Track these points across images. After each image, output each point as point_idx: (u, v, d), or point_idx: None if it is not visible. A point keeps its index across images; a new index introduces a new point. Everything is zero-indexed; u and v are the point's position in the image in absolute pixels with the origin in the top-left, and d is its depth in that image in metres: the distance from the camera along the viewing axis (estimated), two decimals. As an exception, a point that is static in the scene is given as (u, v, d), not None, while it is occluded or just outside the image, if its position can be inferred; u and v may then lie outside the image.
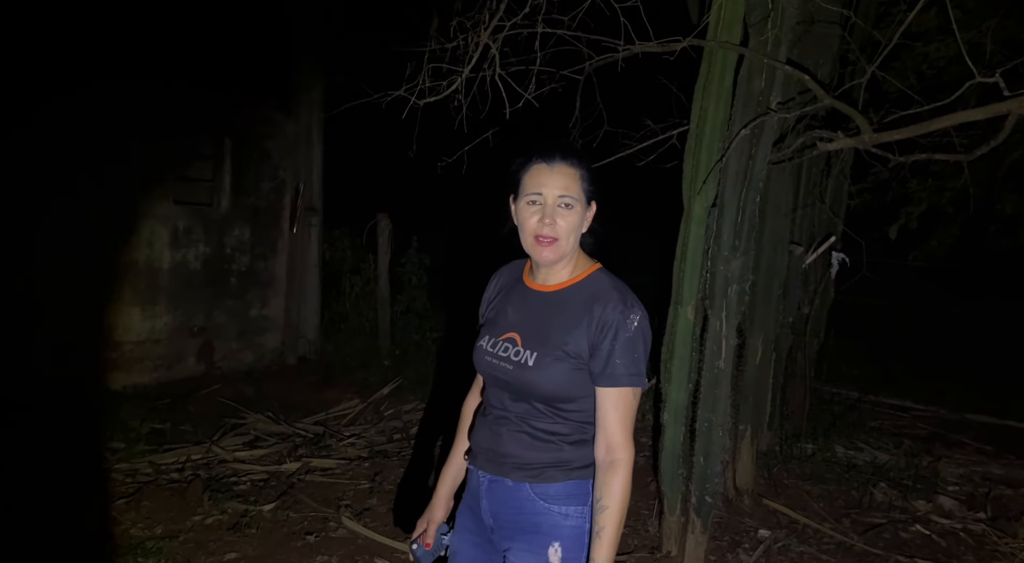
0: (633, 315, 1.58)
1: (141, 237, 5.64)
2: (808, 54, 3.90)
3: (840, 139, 3.07)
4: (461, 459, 1.87)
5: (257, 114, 6.38)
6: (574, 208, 1.61)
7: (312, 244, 6.94)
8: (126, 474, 4.00)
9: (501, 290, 1.81)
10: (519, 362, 1.62)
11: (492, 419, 1.70)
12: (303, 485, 4.05)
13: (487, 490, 1.69)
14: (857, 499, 4.25)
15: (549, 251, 1.62)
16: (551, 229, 1.60)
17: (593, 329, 1.58)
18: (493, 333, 1.72)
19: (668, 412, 3.46)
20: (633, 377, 1.57)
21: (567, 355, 1.59)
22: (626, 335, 1.57)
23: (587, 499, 1.63)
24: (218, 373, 6.23)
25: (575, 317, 1.61)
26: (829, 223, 4.85)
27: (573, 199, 1.60)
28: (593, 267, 1.70)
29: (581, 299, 1.63)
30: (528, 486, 1.63)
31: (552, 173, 1.60)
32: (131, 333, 5.64)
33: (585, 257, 1.72)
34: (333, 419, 5.28)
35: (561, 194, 1.60)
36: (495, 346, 1.69)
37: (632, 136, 4.05)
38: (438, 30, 2.83)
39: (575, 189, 1.61)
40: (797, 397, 5.15)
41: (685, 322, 3.40)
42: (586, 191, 1.63)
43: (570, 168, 1.61)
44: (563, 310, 1.64)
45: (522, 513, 1.64)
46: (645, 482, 4.23)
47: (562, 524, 1.62)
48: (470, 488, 1.78)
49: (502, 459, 1.65)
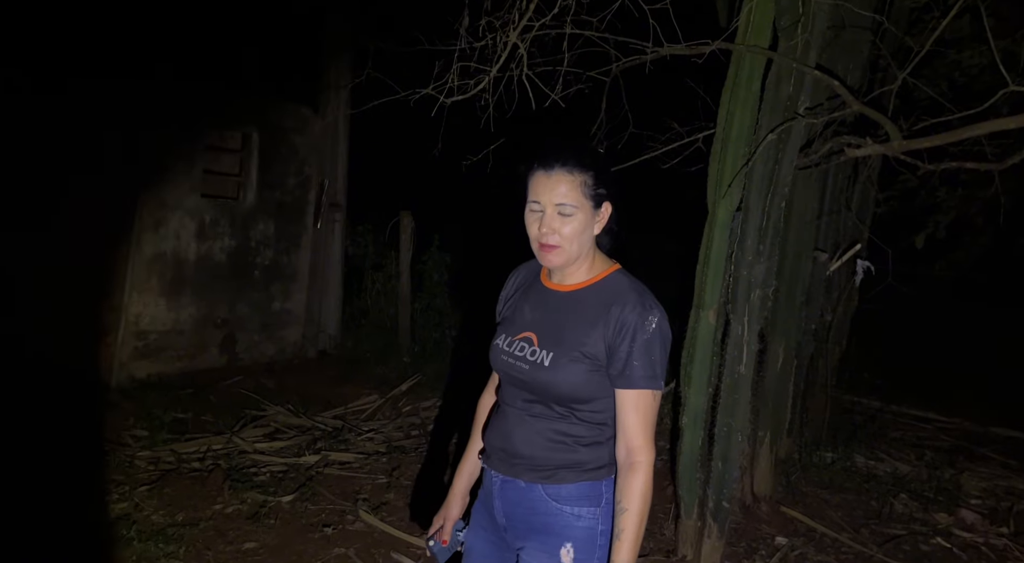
0: (651, 316, 1.57)
1: (169, 229, 5.72)
2: (838, 59, 3.87)
3: (869, 145, 3.04)
4: (476, 456, 1.87)
5: (285, 110, 6.44)
6: (574, 215, 1.59)
7: (335, 240, 7.00)
8: (149, 462, 4.06)
9: (519, 288, 1.81)
10: (535, 362, 1.62)
11: (506, 419, 1.70)
12: (321, 478, 4.09)
13: (500, 490, 1.70)
14: (877, 510, 4.21)
15: (553, 256, 1.61)
16: (550, 237, 1.59)
17: (611, 331, 1.57)
18: (510, 332, 1.72)
19: (687, 416, 3.45)
20: (651, 379, 1.56)
21: (584, 356, 1.59)
22: (644, 337, 1.56)
23: (600, 500, 1.63)
24: (240, 365, 6.30)
25: (593, 318, 1.60)
26: (855, 230, 4.81)
27: (572, 206, 1.58)
28: (611, 268, 1.69)
29: (599, 300, 1.62)
30: (541, 487, 1.63)
31: (549, 181, 1.59)
32: (157, 323, 5.72)
33: (603, 257, 1.71)
34: (352, 413, 5.32)
35: (559, 202, 1.58)
36: (511, 345, 1.68)
37: (658, 138, 4.05)
38: (468, 29, 2.85)
39: (574, 196, 1.58)
40: (817, 405, 5.11)
41: (706, 326, 3.38)
42: (591, 195, 1.60)
43: (569, 175, 1.58)
44: (580, 311, 1.63)
45: (534, 514, 1.64)
46: (662, 485, 4.22)
47: (574, 525, 1.62)
48: (484, 487, 1.78)
49: (515, 460, 1.65)
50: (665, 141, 3.96)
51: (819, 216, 4.32)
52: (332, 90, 6.49)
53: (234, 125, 6.17)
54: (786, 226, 3.73)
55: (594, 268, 1.68)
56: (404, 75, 3.30)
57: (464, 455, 1.91)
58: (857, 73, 4.01)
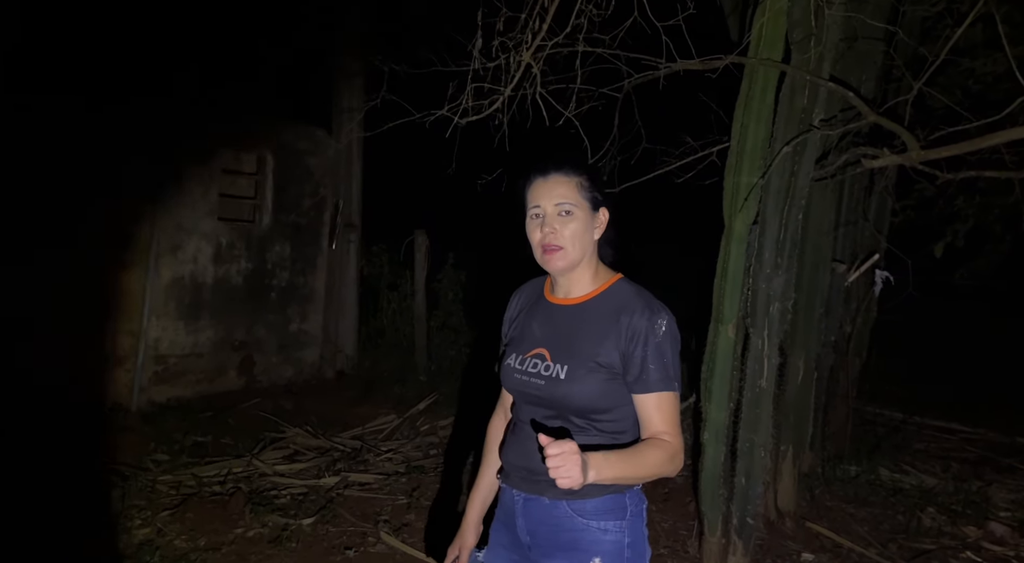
0: (660, 320, 1.60)
1: (187, 252, 5.77)
2: (852, 70, 3.86)
3: (885, 156, 3.02)
4: (489, 482, 1.87)
5: (299, 132, 6.50)
6: (574, 214, 1.63)
7: (351, 260, 7.03)
8: (170, 486, 4.06)
9: (523, 309, 1.82)
10: (550, 376, 1.63)
11: (525, 437, 1.68)
12: (342, 500, 4.08)
13: (523, 509, 1.69)
14: (904, 524, 4.14)
15: (557, 258, 1.63)
16: (554, 237, 1.62)
17: (623, 339, 1.59)
18: (520, 350, 1.73)
19: (708, 432, 3.42)
20: (668, 381, 1.59)
21: (599, 366, 1.60)
22: (655, 340, 1.58)
23: (625, 513, 1.63)
24: (258, 387, 6.32)
25: (603, 328, 1.62)
26: (872, 241, 4.77)
27: (572, 205, 1.63)
28: (615, 277, 1.71)
29: (607, 309, 1.64)
30: (565, 503, 1.62)
31: (547, 184, 1.64)
32: (175, 347, 5.76)
33: (605, 268, 1.73)
34: (370, 434, 5.31)
35: (558, 202, 1.63)
36: (523, 363, 1.69)
37: (672, 153, 4.05)
38: (481, 50, 2.87)
39: (573, 196, 1.63)
40: (839, 417, 5.05)
41: (726, 341, 3.36)
42: (588, 197, 1.65)
43: (565, 177, 1.64)
44: (590, 322, 1.65)
45: (560, 530, 1.64)
46: (684, 502, 4.18)
47: (601, 539, 1.61)
48: (503, 506, 1.77)
49: (537, 477, 1.63)
50: (679, 155, 3.96)
51: (836, 227, 4.29)
52: (346, 113, 6.54)
53: (249, 148, 6.23)
54: (803, 238, 3.71)
55: (598, 279, 1.70)
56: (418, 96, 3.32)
57: (477, 481, 1.90)
58: (871, 83, 4.00)
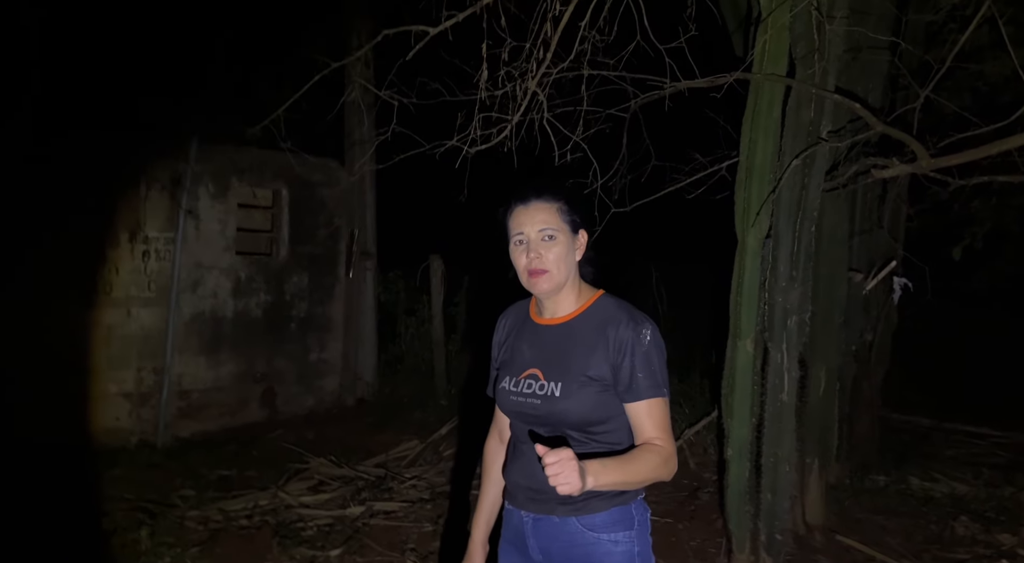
0: (644, 330, 1.66)
1: (207, 288, 5.84)
2: (857, 80, 3.87)
3: (896, 166, 3.03)
4: (491, 502, 1.93)
5: (313, 165, 6.57)
6: (557, 238, 1.69)
7: (367, 288, 7.08)
8: (198, 521, 4.09)
9: (511, 332, 1.88)
10: (545, 394, 1.68)
11: (527, 455, 1.71)
12: (368, 529, 4.09)
13: (533, 529, 1.73)
14: (937, 533, 4.08)
15: (543, 281, 1.69)
16: (539, 262, 1.68)
17: (611, 351, 1.65)
18: (513, 372, 1.77)
19: (732, 448, 3.40)
20: (656, 388, 1.65)
21: (591, 379, 1.66)
22: (642, 350, 1.64)
23: (632, 523, 1.69)
24: (280, 418, 6.35)
25: (591, 343, 1.68)
26: (888, 248, 4.75)
27: (554, 230, 1.69)
28: (597, 294, 1.77)
29: (593, 325, 1.70)
30: (575, 520, 1.67)
31: (528, 211, 1.70)
32: (198, 382, 5.82)
33: (588, 286, 1.79)
34: (393, 461, 5.32)
35: (541, 228, 1.69)
36: (518, 384, 1.74)
37: (681, 170, 4.06)
38: (487, 82, 2.92)
39: (554, 221, 1.69)
40: (865, 427, 5.00)
41: (745, 356, 3.36)
42: (568, 221, 1.71)
43: (545, 203, 1.70)
44: (578, 338, 1.70)
45: (573, 546, 1.68)
46: (711, 519, 4.14)
47: (613, 551, 1.66)
48: (512, 527, 1.81)
49: (544, 496, 1.66)
50: (689, 172, 3.98)
51: (851, 236, 4.28)
52: (357, 145, 6.63)
53: (265, 183, 6.32)
54: (818, 249, 3.70)
55: (581, 297, 1.76)
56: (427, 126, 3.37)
57: (479, 502, 1.95)
58: (878, 93, 4.01)
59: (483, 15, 2.80)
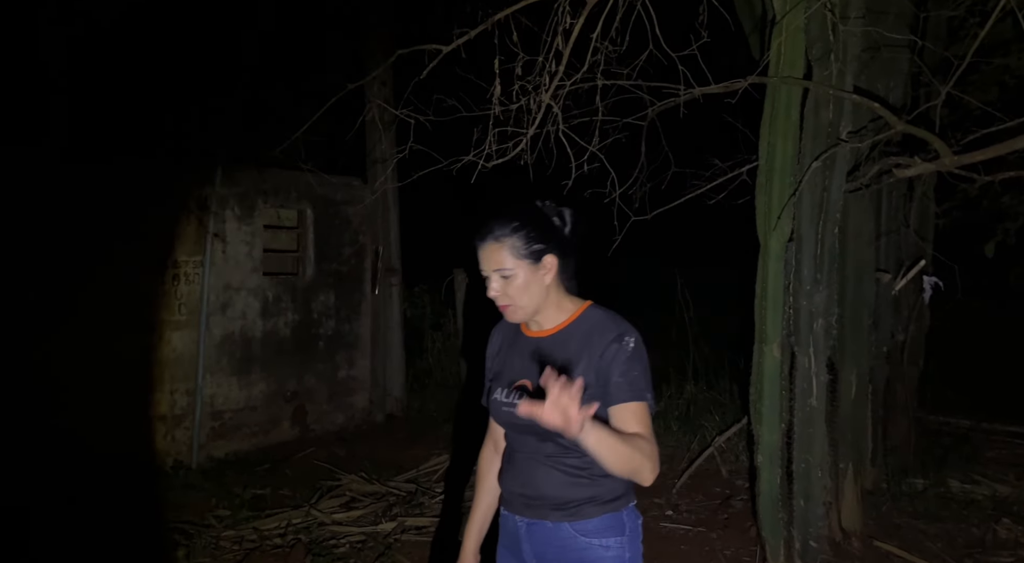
0: (628, 338, 1.70)
1: (236, 309, 5.92)
2: (877, 79, 3.83)
3: (918, 164, 2.99)
4: (484, 511, 1.99)
5: (336, 184, 6.67)
6: (514, 274, 1.73)
7: (393, 303, 7.13)
8: (233, 541, 4.13)
9: (503, 344, 1.93)
10: None
11: (521, 463, 1.79)
12: (400, 545, 4.10)
13: (527, 534, 1.78)
14: (979, 537, 3.99)
15: (511, 314, 1.77)
16: (503, 298, 1.75)
17: (596, 358, 1.69)
18: (504, 384, 1.83)
19: (762, 454, 3.37)
20: (638, 392, 1.67)
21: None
22: (625, 356, 1.68)
23: (624, 529, 1.73)
24: (311, 436, 6.41)
25: (578, 352, 1.72)
26: (917, 247, 4.67)
27: (508, 269, 1.73)
28: (583, 306, 1.81)
29: (580, 335, 1.75)
30: (568, 525, 1.72)
31: (484, 251, 1.75)
32: (230, 402, 5.89)
33: (572, 299, 1.82)
34: (424, 476, 5.33)
35: (495, 269, 1.74)
36: (509, 395, 1.79)
37: (701, 175, 4.05)
38: (500, 97, 2.94)
39: (508, 261, 1.72)
40: (901, 430, 4.90)
41: (772, 361, 3.32)
42: (524, 255, 1.73)
43: (496, 243, 1.73)
44: (566, 349, 1.75)
45: (566, 551, 1.73)
46: (745, 527, 4.09)
47: (604, 556, 1.71)
48: (507, 532, 1.87)
49: (538, 501, 1.74)
50: (709, 177, 3.96)
51: (877, 237, 4.22)
52: (379, 163, 6.70)
53: (290, 203, 6.41)
54: (843, 250, 3.66)
55: (566, 310, 1.80)
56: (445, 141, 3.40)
57: (472, 511, 2.01)
58: (899, 91, 3.95)
59: (495, 31, 2.82)
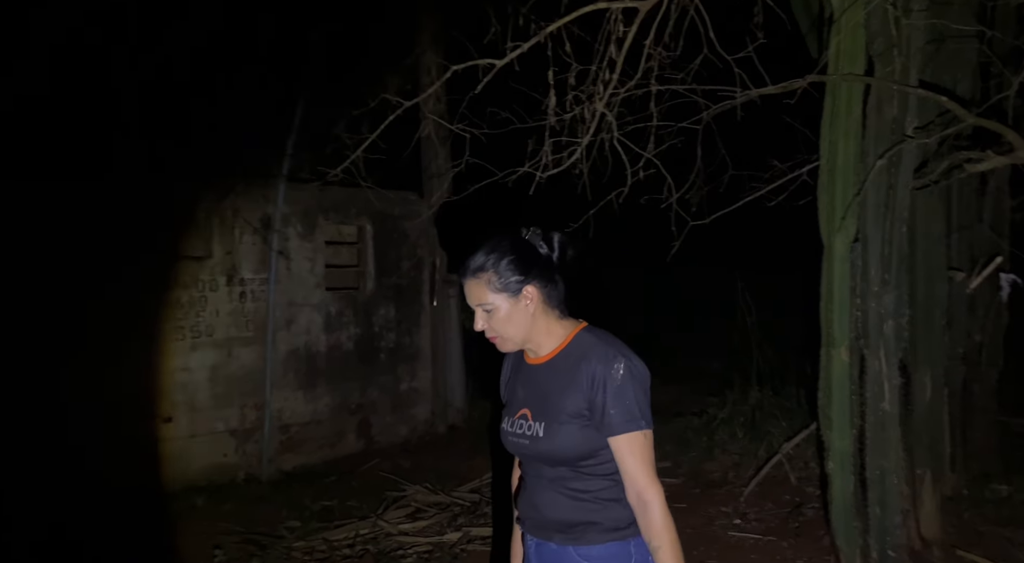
0: (616, 364, 1.66)
1: (300, 324, 6.08)
2: (944, 71, 3.70)
3: (991, 158, 2.88)
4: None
5: (394, 200, 6.78)
6: (495, 308, 1.73)
7: (452, 315, 7.20)
8: (304, 552, 4.22)
9: (511, 371, 1.94)
10: (532, 435, 1.74)
11: (531, 487, 1.81)
12: (466, 555, 4.12)
13: (535, 552, 1.81)
14: (1070, 546, 3.80)
15: (499, 345, 1.79)
16: (488, 330, 1.76)
17: (585, 386, 1.67)
18: (509, 413, 1.84)
19: (833, 461, 3.28)
20: (631, 422, 1.64)
21: (570, 417, 1.69)
22: (614, 385, 1.65)
23: (629, 559, 1.71)
24: (376, 447, 6.51)
25: (567, 380, 1.71)
26: (992, 243, 4.49)
27: (488, 304, 1.73)
28: (576, 329, 1.79)
29: (570, 362, 1.74)
30: (572, 549, 1.72)
31: (467, 288, 1.76)
32: (297, 416, 6.04)
33: (564, 323, 1.79)
34: (486, 486, 5.35)
35: (477, 304, 1.75)
36: (513, 425, 1.80)
37: (760, 177, 3.98)
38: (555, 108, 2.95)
39: (487, 296, 1.72)
40: (981, 434, 4.70)
41: (840, 365, 3.24)
42: (503, 287, 1.72)
43: (475, 279, 1.74)
44: (557, 376, 1.75)
45: None
46: (818, 536, 3.98)
47: None
48: (525, 550, 1.89)
49: (545, 523, 1.76)
50: (768, 179, 3.89)
51: (948, 234, 4.07)
52: (435, 177, 6.79)
53: (349, 219, 6.56)
54: (912, 249, 3.55)
55: (558, 336, 1.78)
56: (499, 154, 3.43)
57: (513, 532, 2.01)
58: (967, 83, 3.81)
59: (547, 43, 2.84)
